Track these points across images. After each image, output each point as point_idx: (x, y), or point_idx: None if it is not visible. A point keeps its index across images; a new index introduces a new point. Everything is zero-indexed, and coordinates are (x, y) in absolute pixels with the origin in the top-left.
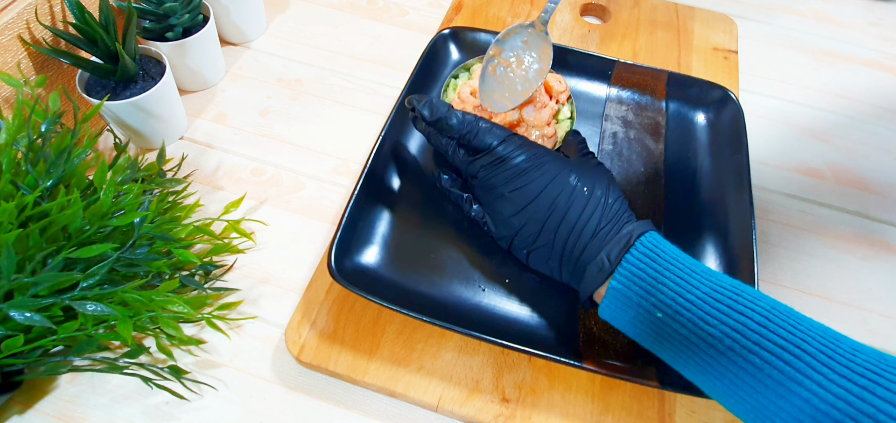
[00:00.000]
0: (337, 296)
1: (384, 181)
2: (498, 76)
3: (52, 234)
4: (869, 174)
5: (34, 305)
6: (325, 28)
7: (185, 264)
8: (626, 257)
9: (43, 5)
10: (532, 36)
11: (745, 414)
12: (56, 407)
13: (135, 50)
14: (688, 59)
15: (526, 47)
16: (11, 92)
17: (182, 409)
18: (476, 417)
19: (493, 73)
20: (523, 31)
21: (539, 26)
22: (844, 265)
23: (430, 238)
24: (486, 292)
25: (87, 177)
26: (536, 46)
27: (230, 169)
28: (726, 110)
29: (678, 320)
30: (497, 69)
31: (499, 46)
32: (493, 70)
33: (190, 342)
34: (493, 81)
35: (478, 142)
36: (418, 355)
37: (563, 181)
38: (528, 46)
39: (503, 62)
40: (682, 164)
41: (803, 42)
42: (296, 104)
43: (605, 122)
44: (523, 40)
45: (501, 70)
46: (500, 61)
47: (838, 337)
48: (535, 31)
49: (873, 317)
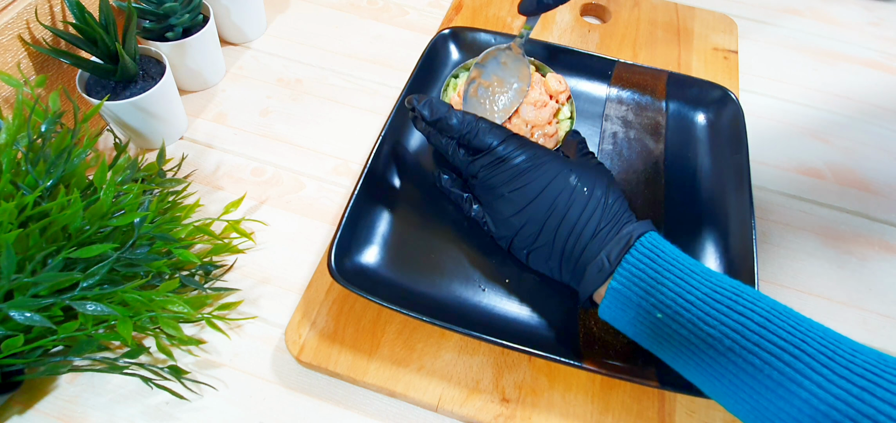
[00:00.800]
0: (337, 296)
1: (384, 181)
2: (479, 97)
3: (52, 234)
4: (869, 174)
5: (34, 305)
6: (325, 28)
7: (185, 264)
8: (626, 257)
9: (43, 5)
10: (510, 57)
11: (745, 415)
12: (56, 407)
13: (135, 50)
14: (688, 59)
15: (504, 68)
16: (11, 92)
17: (182, 409)
18: (476, 417)
19: (474, 94)
20: (501, 53)
21: (516, 49)
22: (844, 265)
23: (430, 238)
24: (486, 292)
25: (87, 177)
26: (515, 67)
27: (230, 169)
28: (726, 110)
29: (678, 320)
30: (477, 90)
31: (479, 69)
32: (473, 92)
33: (190, 342)
34: (474, 101)
35: (478, 142)
36: (418, 355)
37: (563, 181)
38: (506, 67)
39: (483, 83)
40: (682, 164)
41: (803, 42)
42: (296, 104)
43: (605, 122)
44: (502, 61)
45: (482, 91)
46: (480, 83)
47: (838, 338)
48: (512, 52)
49: (873, 317)
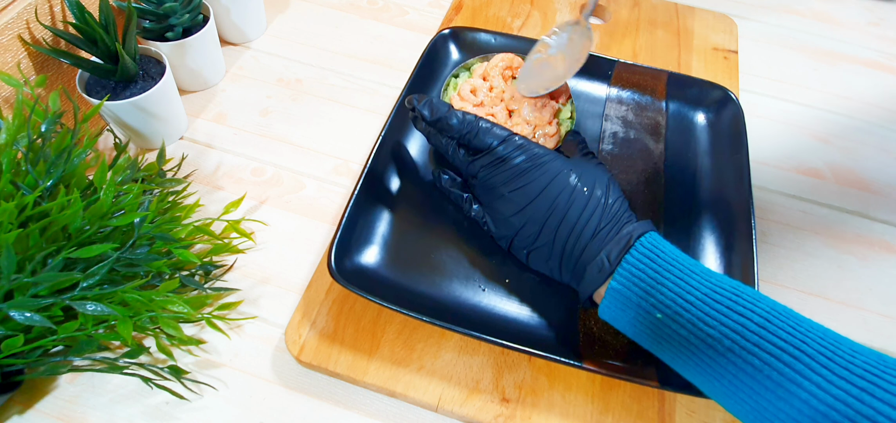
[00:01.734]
0: (337, 296)
1: (384, 181)
2: (539, 67)
3: (52, 234)
4: (869, 174)
5: (34, 305)
6: (325, 28)
7: (185, 264)
8: (625, 257)
9: (43, 5)
10: (577, 33)
11: (745, 415)
12: (56, 407)
13: (135, 50)
14: (688, 59)
15: (570, 44)
16: (11, 92)
17: (182, 409)
18: (476, 417)
19: (536, 64)
20: (569, 28)
21: (583, 22)
22: (844, 265)
23: (430, 238)
24: (486, 292)
25: (87, 177)
26: (579, 43)
27: (230, 169)
28: (726, 110)
29: (678, 320)
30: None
31: (546, 42)
32: (537, 62)
33: (190, 342)
34: (534, 69)
35: (478, 142)
36: (418, 355)
37: (563, 181)
38: (572, 43)
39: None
40: (682, 164)
41: (803, 42)
42: (296, 104)
43: (605, 122)
44: (570, 37)
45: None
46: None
47: (838, 338)
48: (580, 27)
49: (873, 317)
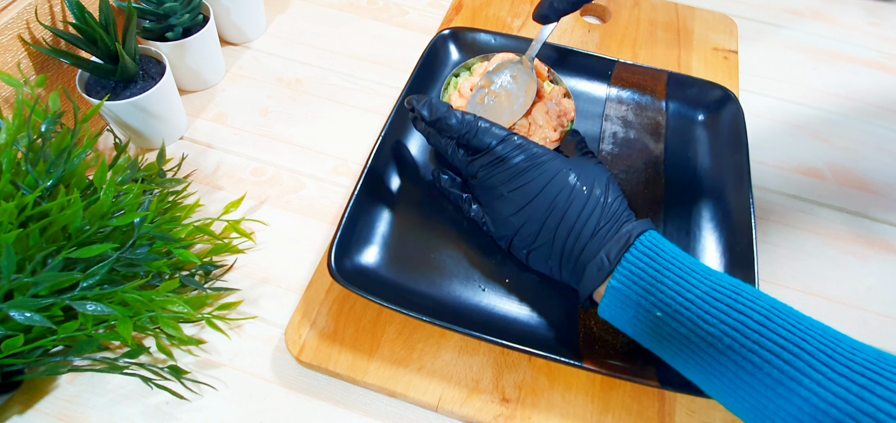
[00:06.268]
0: (337, 296)
1: (384, 181)
2: (486, 105)
3: (52, 234)
4: (869, 174)
5: (34, 305)
6: (325, 28)
7: (185, 264)
8: (625, 256)
9: (43, 5)
10: (520, 71)
11: (745, 413)
12: (56, 407)
13: (135, 50)
14: (688, 59)
15: (513, 81)
16: (11, 92)
17: (182, 409)
18: (476, 417)
19: (481, 102)
20: (512, 66)
21: (526, 62)
22: (844, 265)
23: (430, 238)
24: (486, 292)
25: (87, 177)
26: (523, 82)
27: (230, 169)
28: (726, 110)
29: (678, 318)
30: (485, 98)
31: (489, 78)
32: (481, 99)
33: (190, 342)
34: (481, 109)
35: (477, 142)
36: (418, 355)
37: (563, 181)
38: (515, 81)
39: (492, 93)
40: (682, 164)
41: (803, 42)
42: (296, 104)
43: (605, 122)
44: (512, 75)
45: (490, 100)
46: (490, 92)
47: (838, 336)
48: (522, 66)
49: (873, 317)
